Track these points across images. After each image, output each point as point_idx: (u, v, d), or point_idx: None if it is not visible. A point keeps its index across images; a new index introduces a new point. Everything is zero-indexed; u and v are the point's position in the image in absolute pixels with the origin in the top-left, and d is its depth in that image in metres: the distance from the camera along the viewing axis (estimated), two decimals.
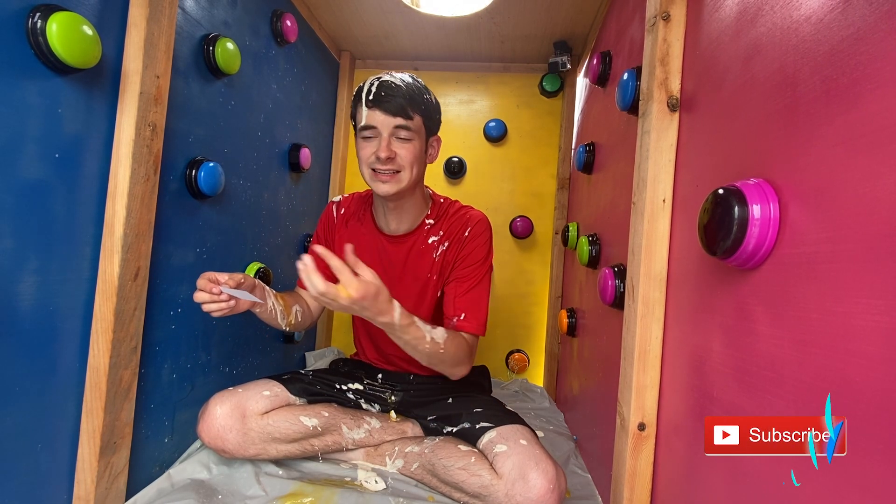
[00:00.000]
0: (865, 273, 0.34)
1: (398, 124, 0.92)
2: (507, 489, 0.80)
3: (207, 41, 0.96)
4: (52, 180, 0.67)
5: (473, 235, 1.04)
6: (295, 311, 1.01)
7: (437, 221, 1.06)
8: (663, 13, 0.70)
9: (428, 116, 0.97)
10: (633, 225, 0.76)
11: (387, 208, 1.04)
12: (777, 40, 0.47)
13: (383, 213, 1.06)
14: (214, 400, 0.93)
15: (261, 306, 0.91)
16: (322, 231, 1.14)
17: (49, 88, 0.66)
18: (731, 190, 0.47)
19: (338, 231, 1.11)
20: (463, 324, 0.99)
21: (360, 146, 0.96)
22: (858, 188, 0.36)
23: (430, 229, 1.06)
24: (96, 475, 0.73)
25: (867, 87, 0.35)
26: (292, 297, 1.04)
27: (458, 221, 1.05)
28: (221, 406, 0.91)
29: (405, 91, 0.93)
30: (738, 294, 0.51)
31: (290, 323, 1.00)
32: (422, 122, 0.96)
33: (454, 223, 1.05)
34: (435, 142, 1.03)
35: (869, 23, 0.36)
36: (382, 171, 0.93)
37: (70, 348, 0.72)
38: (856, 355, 0.34)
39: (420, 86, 0.98)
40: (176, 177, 0.90)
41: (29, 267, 0.65)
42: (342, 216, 1.12)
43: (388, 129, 0.92)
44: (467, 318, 1.00)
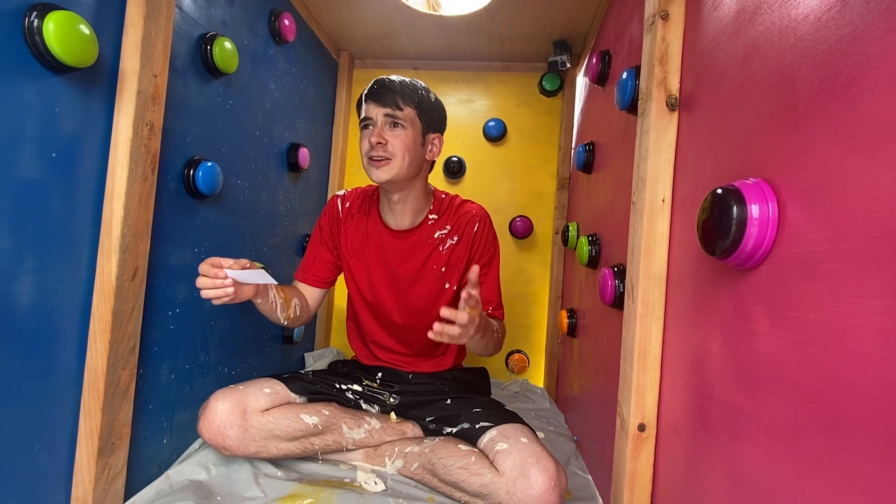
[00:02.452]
0: (864, 273, 0.34)
1: (388, 113, 1.00)
2: (508, 486, 0.81)
3: (205, 40, 0.95)
4: (50, 180, 0.67)
5: (482, 232, 1.11)
6: (294, 305, 1.04)
7: (441, 216, 1.11)
8: (662, 12, 0.70)
9: (423, 111, 1.03)
10: (632, 225, 0.75)
11: (391, 202, 1.08)
12: (775, 39, 0.47)
13: (388, 207, 1.09)
14: (215, 397, 0.93)
15: (263, 295, 0.92)
16: (326, 224, 1.15)
17: (46, 88, 0.65)
18: (730, 189, 0.47)
19: (343, 224, 1.14)
20: (495, 313, 1.10)
21: (361, 138, 1.04)
22: (857, 188, 0.35)
23: (434, 224, 1.10)
24: (94, 476, 0.73)
25: (865, 86, 0.35)
26: (291, 291, 1.06)
27: (464, 217, 1.11)
28: (222, 402, 0.91)
29: (398, 86, 1.01)
30: (737, 294, 0.51)
31: (289, 317, 1.02)
32: (415, 115, 1.02)
33: (460, 218, 1.11)
34: (436, 139, 1.07)
35: (867, 21, 0.36)
36: (376, 157, 0.99)
37: (68, 349, 0.72)
38: (854, 356, 0.34)
39: (417, 84, 1.04)
40: (174, 176, 0.90)
41: (26, 267, 0.65)
42: (347, 210, 1.15)
43: (381, 118, 1.00)
44: (495, 308, 1.11)
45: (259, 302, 0.93)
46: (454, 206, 1.12)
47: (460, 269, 1.09)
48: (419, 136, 1.03)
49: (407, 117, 1.00)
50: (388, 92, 1.00)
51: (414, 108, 1.01)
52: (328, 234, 1.14)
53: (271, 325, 1.36)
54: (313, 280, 1.13)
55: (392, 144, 0.99)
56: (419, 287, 1.10)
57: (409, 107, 1.01)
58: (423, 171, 1.08)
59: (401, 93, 1.00)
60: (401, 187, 1.04)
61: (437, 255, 1.09)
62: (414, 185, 1.06)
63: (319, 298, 1.15)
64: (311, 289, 1.13)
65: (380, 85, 1.01)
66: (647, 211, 0.70)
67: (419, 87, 1.04)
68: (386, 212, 1.11)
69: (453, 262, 1.09)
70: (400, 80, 1.02)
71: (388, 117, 0.99)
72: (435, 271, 1.09)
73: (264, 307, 0.95)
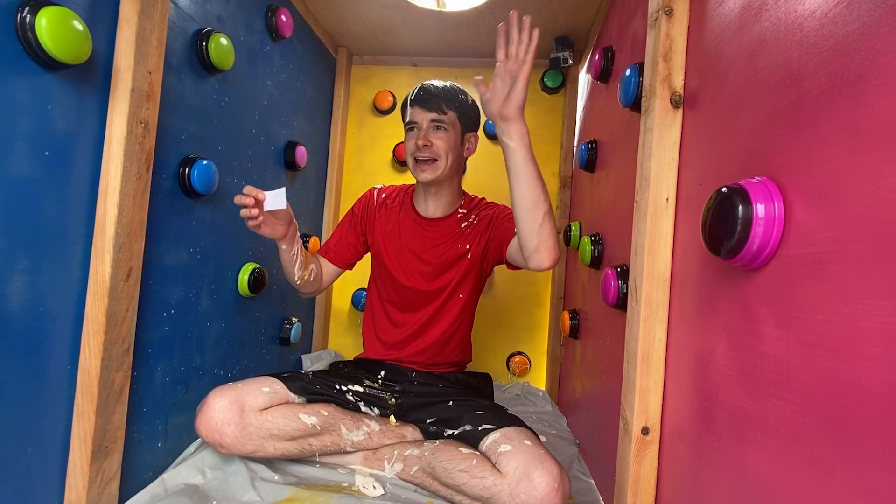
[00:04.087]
0: (872, 273, 0.33)
1: (433, 118, 1.10)
2: (511, 489, 0.81)
3: (201, 36, 0.94)
4: (42, 178, 0.66)
5: (501, 208, 1.19)
6: (311, 269, 1.12)
7: (470, 211, 1.21)
8: (666, 8, 0.69)
9: (462, 113, 1.14)
10: (635, 224, 0.75)
11: (428, 193, 1.18)
12: (781, 36, 0.47)
13: (423, 198, 1.20)
14: (213, 393, 0.93)
15: (289, 241, 1.01)
16: (360, 210, 1.25)
17: (38, 85, 0.65)
18: (735, 188, 0.46)
19: (377, 211, 1.23)
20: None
21: (406, 139, 1.15)
22: (865, 186, 0.35)
23: (462, 217, 1.19)
24: (88, 480, 0.72)
25: (873, 83, 0.35)
26: (313, 258, 1.15)
27: (487, 209, 1.20)
28: (221, 399, 0.92)
29: (441, 92, 1.12)
30: (742, 295, 0.50)
31: (303, 277, 1.09)
32: (456, 118, 1.13)
33: (483, 210, 1.20)
34: (472, 137, 1.18)
35: (874, 17, 0.35)
36: (422, 158, 1.10)
37: (61, 350, 0.71)
38: (862, 357, 0.34)
39: (457, 88, 1.16)
40: (169, 175, 0.89)
41: (18, 267, 0.64)
42: (382, 200, 1.25)
43: (426, 122, 1.11)
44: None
45: (284, 248, 1.02)
46: (483, 203, 1.22)
47: (483, 242, 1.15)
48: (459, 137, 1.14)
49: (449, 120, 1.11)
50: (432, 98, 1.10)
51: (455, 111, 1.12)
52: (359, 218, 1.23)
53: (268, 327, 1.35)
54: (333, 256, 1.21)
55: (437, 146, 1.09)
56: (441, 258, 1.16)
57: (452, 110, 1.11)
58: (460, 168, 1.19)
59: (444, 98, 1.11)
60: (441, 184, 1.15)
61: (462, 239, 1.17)
62: (452, 181, 1.17)
63: (333, 276, 1.23)
64: (329, 265, 1.21)
65: (425, 91, 1.12)
66: (650, 210, 0.69)
67: (458, 90, 1.15)
68: (420, 202, 1.20)
69: (473, 236, 1.17)
70: (443, 86, 1.13)
71: (434, 122, 1.10)
72: (460, 249, 1.17)
73: (286, 255, 1.04)
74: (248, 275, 1.15)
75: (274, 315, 1.38)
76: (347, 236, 1.22)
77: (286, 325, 1.43)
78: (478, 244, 1.16)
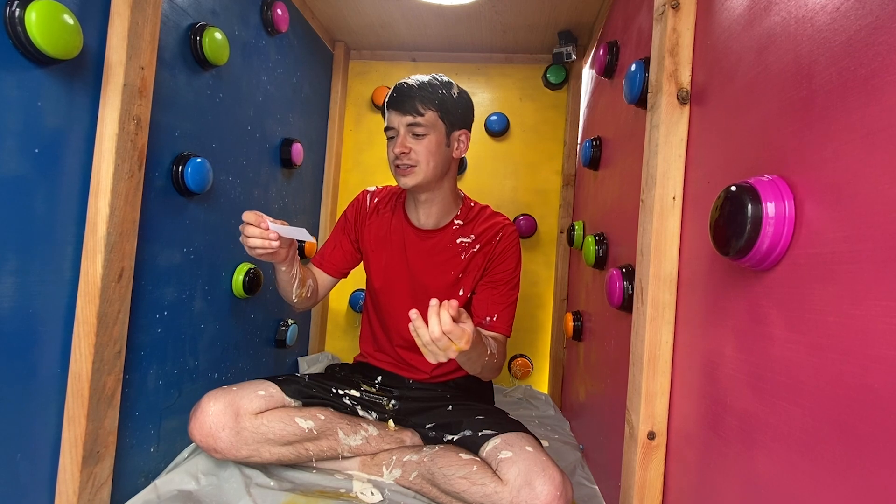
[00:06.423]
0: (884, 274, 0.33)
1: (409, 122, 1.01)
2: (511, 497, 0.79)
3: (194, 31, 0.93)
4: (32, 176, 0.66)
5: (505, 242, 1.10)
6: (308, 285, 1.06)
7: (467, 224, 1.12)
8: (672, 1, 0.68)
9: (444, 111, 1.03)
10: (641, 224, 0.74)
11: (417, 201, 1.10)
12: (792, 30, 0.46)
13: (414, 205, 1.12)
14: (207, 397, 0.92)
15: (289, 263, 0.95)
16: (352, 214, 1.19)
17: (28, 80, 0.64)
18: (744, 187, 0.46)
19: (369, 217, 1.17)
20: (496, 324, 1.06)
21: (387, 147, 1.06)
22: (877, 185, 0.34)
23: (458, 230, 1.11)
24: (79, 486, 0.71)
25: (886, 79, 0.34)
26: (307, 272, 1.09)
27: (491, 228, 1.11)
28: (215, 403, 0.91)
29: (416, 90, 1.01)
30: (751, 296, 0.50)
31: (301, 295, 1.04)
32: (437, 117, 1.03)
33: (486, 229, 1.11)
34: (462, 135, 1.08)
35: (888, 11, 0.35)
36: (401, 165, 1.02)
37: (51, 353, 0.70)
38: (875, 360, 0.33)
39: (437, 83, 1.04)
40: (161, 173, 0.88)
41: (7, 268, 0.63)
42: (374, 205, 1.18)
43: (403, 127, 1.02)
44: (500, 319, 1.07)
45: (283, 269, 0.96)
46: (483, 216, 1.13)
47: (475, 276, 1.10)
48: (443, 138, 1.04)
49: (428, 122, 1.01)
50: (407, 98, 1.01)
51: (435, 110, 1.02)
52: (352, 224, 1.17)
53: (263, 329, 1.34)
54: (329, 267, 1.16)
55: (416, 152, 1.01)
56: (432, 286, 1.10)
57: (430, 110, 1.02)
58: (451, 170, 1.09)
59: (420, 97, 1.01)
60: (428, 188, 1.06)
61: (457, 261, 1.10)
62: (442, 185, 1.08)
63: (329, 286, 1.18)
64: (324, 275, 1.16)
65: (399, 92, 1.02)
66: (657, 209, 0.68)
67: (439, 85, 1.04)
68: (412, 210, 1.13)
69: (470, 270, 1.10)
70: (419, 84, 1.02)
71: (410, 126, 1.01)
72: (452, 276, 1.10)
73: (285, 277, 0.98)
74: (242, 275, 1.14)
75: (269, 316, 1.37)
76: (342, 243, 1.17)
77: (282, 326, 1.42)
78: (469, 281, 1.09)
